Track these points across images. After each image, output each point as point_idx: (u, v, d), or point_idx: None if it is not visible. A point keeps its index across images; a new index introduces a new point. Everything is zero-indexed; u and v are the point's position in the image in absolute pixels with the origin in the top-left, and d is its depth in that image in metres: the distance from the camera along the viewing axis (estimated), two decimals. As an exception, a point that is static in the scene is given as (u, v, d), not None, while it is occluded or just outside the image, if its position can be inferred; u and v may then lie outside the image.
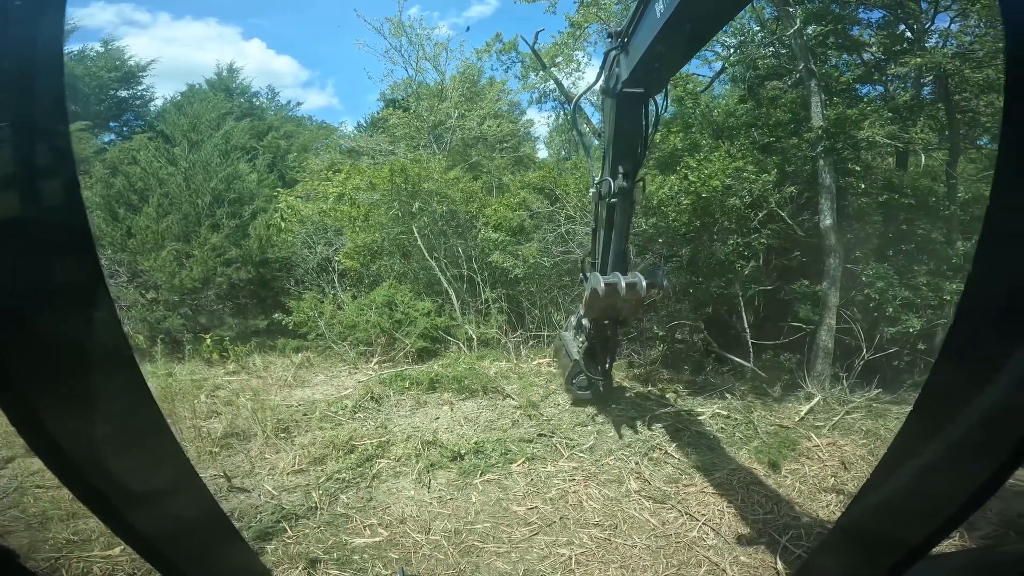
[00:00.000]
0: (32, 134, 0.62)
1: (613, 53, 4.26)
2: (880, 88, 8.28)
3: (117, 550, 3.48)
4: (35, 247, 0.63)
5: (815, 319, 6.95)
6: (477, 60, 15.23)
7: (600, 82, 4.48)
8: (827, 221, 7.07)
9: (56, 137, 0.66)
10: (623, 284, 4.46)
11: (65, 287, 0.66)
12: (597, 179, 5.00)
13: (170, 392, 5.88)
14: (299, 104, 26.74)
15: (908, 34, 7.76)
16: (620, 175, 4.57)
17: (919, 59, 7.12)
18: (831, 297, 6.97)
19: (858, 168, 7.58)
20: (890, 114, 7.24)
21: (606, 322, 5.63)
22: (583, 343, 6.00)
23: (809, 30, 7.51)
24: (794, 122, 7.80)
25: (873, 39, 7.85)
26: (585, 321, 5.83)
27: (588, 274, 5.18)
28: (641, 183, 4.82)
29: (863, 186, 7.68)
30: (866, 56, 8.11)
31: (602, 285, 4.57)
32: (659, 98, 4.56)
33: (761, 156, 7.66)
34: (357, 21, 19.35)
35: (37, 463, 3.57)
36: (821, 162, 7.13)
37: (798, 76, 7.70)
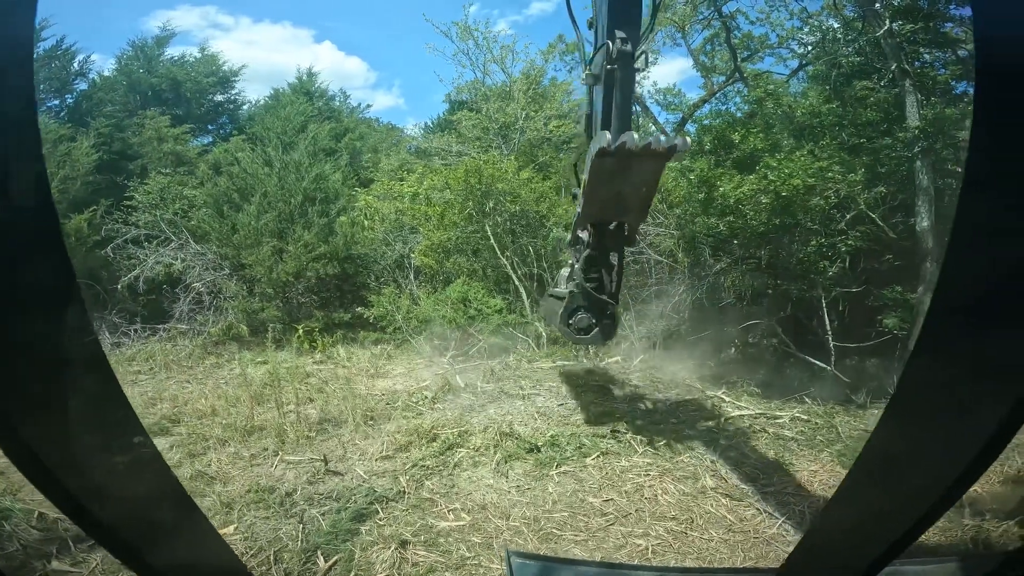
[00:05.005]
0: (1, 134, 0.62)
1: None
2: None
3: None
4: (4, 248, 0.62)
5: (906, 326, 6.61)
6: (544, 62, 15.33)
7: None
8: (924, 223, 6.71)
9: (26, 138, 0.65)
10: (635, 138, 3.20)
11: (35, 289, 0.65)
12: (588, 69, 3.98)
13: (275, 378, 6.44)
14: (368, 106, 27.79)
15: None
16: (619, 39, 3.54)
17: None
18: (926, 302, 6.60)
19: (959, 169, 7.13)
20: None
21: (611, 227, 4.27)
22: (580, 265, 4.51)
23: (894, 26, 7.13)
24: (886, 122, 7.43)
25: (967, 34, 7.31)
26: (582, 233, 4.46)
27: (590, 144, 3.72)
28: (643, 55, 3.88)
29: (964, 188, 7.20)
30: (961, 53, 7.58)
31: (608, 138, 3.25)
32: None
33: (848, 157, 7.35)
34: (425, 25, 19.93)
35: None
36: (918, 163, 6.78)
37: (890, 76, 7.32)
